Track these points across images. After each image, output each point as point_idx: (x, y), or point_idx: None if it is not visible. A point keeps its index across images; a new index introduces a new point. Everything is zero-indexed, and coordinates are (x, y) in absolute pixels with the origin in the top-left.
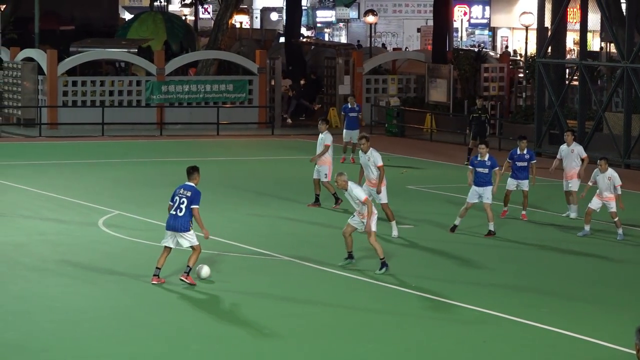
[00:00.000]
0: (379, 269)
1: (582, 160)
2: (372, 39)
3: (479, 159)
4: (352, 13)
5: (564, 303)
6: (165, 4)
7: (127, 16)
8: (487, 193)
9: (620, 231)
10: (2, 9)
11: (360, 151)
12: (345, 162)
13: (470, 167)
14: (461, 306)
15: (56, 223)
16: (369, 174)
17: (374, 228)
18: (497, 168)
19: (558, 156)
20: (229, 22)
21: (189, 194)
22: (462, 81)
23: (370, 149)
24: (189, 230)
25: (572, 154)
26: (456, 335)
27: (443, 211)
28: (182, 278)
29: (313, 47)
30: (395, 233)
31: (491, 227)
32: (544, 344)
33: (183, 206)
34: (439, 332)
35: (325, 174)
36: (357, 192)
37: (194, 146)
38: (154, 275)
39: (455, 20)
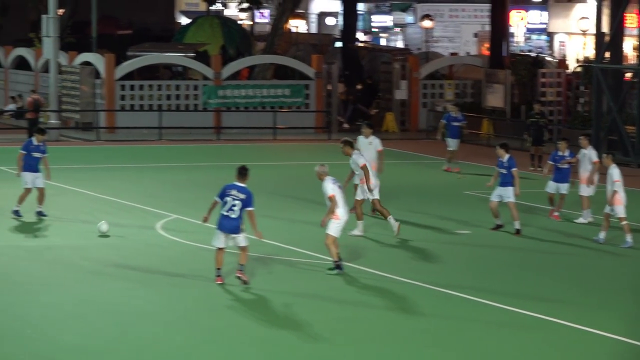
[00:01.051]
0: (331, 268)
1: (594, 164)
2: (429, 44)
3: (499, 159)
4: (409, 18)
5: (626, 309)
6: (222, 8)
7: (184, 20)
8: (508, 193)
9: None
10: (60, 13)
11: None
12: (449, 172)
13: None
14: (518, 312)
15: (114, 226)
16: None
17: (331, 231)
18: (515, 169)
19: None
20: (286, 26)
21: (243, 196)
22: (519, 86)
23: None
24: (241, 232)
25: (585, 158)
26: (515, 341)
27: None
28: (238, 275)
29: (369, 51)
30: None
31: (517, 225)
32: (602, 351)
33: (236, 208)
34: (497, 337)
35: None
36: (326, 186)
37: (251, 150)
38: (217, 275)
39: (512, 25)
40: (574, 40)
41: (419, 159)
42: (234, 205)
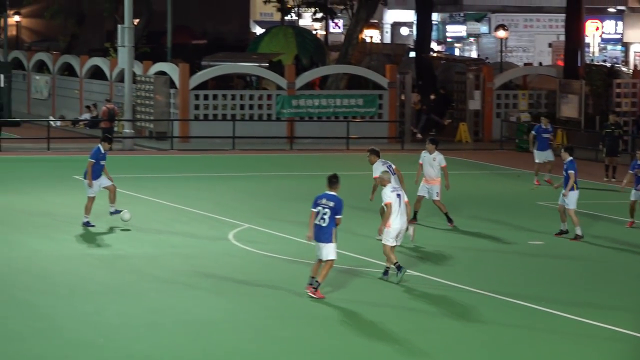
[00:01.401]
0: (396, 273)
1: None
2: (503, 54)
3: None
4: (483, 28)
5: None
6: (297, 18)
7: (259, 30)
8: (568, 198)
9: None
10: (135, 23)
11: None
12: (539, 185)
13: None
14: (591, 323)
15: (187, 236)
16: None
17: (385, 241)
18: (573, 171)
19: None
20: (360, 36)
21: (332, 204)
22: (593, 97)
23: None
24: (331, 241)
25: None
26: (587, 353)
27: (572, 227)
28: (309, 292)
29: (443, 61)
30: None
31: (578, 232)
32: None
33: (326, 217)
34: (570, 348)
35: (437, 193)
36: (385, 193)
37: (324, 160)
38: (309, 284)
39: (587, 36)
40: None
41: (492, 169)
42: (324, 214)
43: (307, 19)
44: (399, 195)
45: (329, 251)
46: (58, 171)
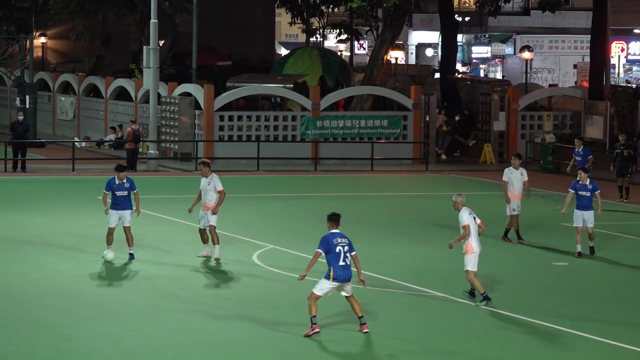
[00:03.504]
0: (480, 301)
1: None
2: (528, 75)
3: (580, 182)
4: (508, 49)
5: None
6: (321, 39)
7: (283, 52)
8: (590, 217)
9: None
10: (160, 45)
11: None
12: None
13: (571, 190)
14: (625, 347)
15: (211, 257)
16: (206, 199)
17: (469, 267)
18: (598, 191)
19: None
20: (385, 57)
21: (347, 241)
22: (618, 118)
23: (212, 173)
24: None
25: None
26: None
27: (598, 248)
28: (366, 330)
29: (468, 82)
30: (216, 254)
31: (591, 244)
32: None
33: (349, 254)
34: None
35: (519, 206)
36: (462, 215)
37: (348, 181)
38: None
39: (612, 57)
40: None
41: None
42: (346, 252)
43: (332, 40)
44: (474, 219)
45: (351, 288)
46: (83, 192)
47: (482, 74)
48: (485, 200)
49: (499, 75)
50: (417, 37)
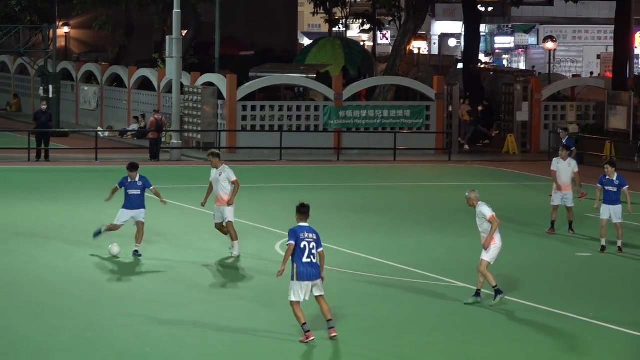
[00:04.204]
0: (494, 298)
1: None
2: (552, 66)
3: (607, 177)
4: (531, 39)
5: None
6: (344, 29)
7: (306, 42)
8: (617, 211)
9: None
10: (183, 35)
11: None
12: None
13: (598, 185)
14: None
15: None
16: (219, 190)
17: (487, 257)
18: (627, 187)
19: None
20: (407, 47)
21: (315, 237)
22: None
23: (223, 164)
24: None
25: None
26: None
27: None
28: (333, 335)
29: (491, 73)
30: (236, 252)
31: (619, 244)
32: None
33: (315, 252)
34: None
35: (572, 200)
36: (483, 209)
37: (371, 171)
38: (307, 331)
39: (636, 47)
40: None
41: (539, 181)
42: (312, 249)
43: (355, 30)
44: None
45: (321, 287)
46: (106, 182)
47: (505, 64)
48: (507, 191)
49: (522, 66)
50: (440, 27)
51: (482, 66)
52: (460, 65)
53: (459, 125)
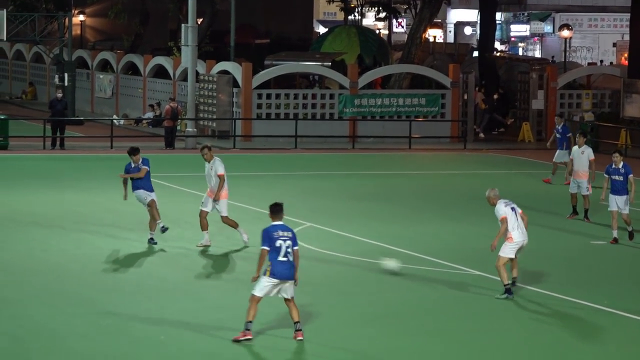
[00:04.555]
0: (502, 293)
1: None
2: (567, 54)
3: (613, 166)
4: (547, 27)
5: None
6: (360, 17)
7: (322, 30)
8: (621, 202)
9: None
10: (199, 23)
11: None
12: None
13: (605, 175)
14: None
15: (248, 234)
16: (211, 184)
17: (502, 253)
18: (631, 175)
19: None
20: (423, 36)
21: (290, 234)
22: None
23: (215, 158)
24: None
25: None
26: None
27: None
28: (300, 338)
29: (507, 61)
30: (245, 237)
31: (630, 229)
32: None
33: (291, 250)
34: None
35: (587, 187)
36: (498, 209)
37: (386, 160)
38: (247, 329)
39: None
40: None
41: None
42: (287, 247)
43: (370, 19)
44: (513, 209)
45: (293, 288)
46: (121, 170)
47: (520, 52)
48: (522, 179)
49: (537, 54)
50: (455, 15)
51: (498, 54)
52: (475, 54)
53: (474, 114)
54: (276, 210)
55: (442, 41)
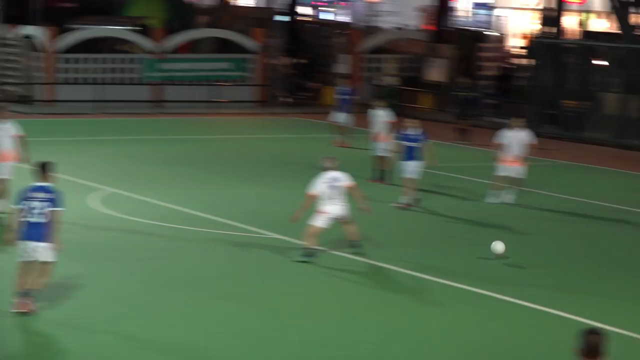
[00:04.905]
0: (302, 255)
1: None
2: (374, 19)
3: (407, 132)
4: None
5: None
6: None
7: None
8: (413, 167)
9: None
10: None
11: None
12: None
13: (399, 141)
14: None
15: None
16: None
17: (312, 221)
18: (427, 142)
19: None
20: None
21: (49, 196)
22: (462, 61)
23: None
24: (51, 241)
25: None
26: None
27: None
28: (23, 310)
29: (313, 25)
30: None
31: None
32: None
33: (43, 211)
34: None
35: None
36: (314, 181)
37: (191, 124)
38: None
39: (456, 0)
40: (520, 15)
41: (361, 133)
42: (42, 208)
43: None
44: (332, 187)
45: (47, 253)
46: None
47: (332, 17)
48: (326, 142)
49: (344, 19)
50: None
51: (304, 19)
52: (282, 18)
53: (279, 78)
54: (39, 169)
55: (248, 5)
